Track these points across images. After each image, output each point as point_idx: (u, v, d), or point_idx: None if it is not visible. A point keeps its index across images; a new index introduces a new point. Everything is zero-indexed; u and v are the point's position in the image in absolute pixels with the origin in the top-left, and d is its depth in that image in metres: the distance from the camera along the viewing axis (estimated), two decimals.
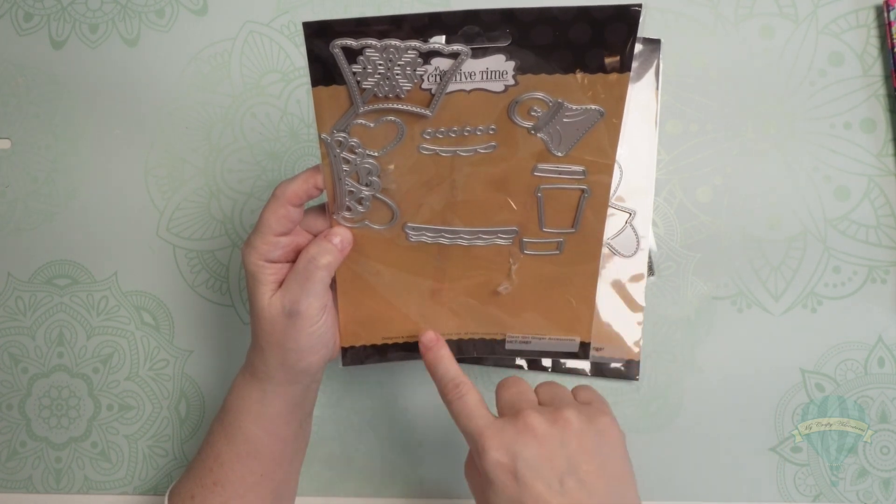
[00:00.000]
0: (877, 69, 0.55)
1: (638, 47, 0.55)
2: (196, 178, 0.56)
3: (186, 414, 0.56)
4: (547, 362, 0.54)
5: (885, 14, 0.54)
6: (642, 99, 0.55)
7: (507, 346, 0.45)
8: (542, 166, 0.39)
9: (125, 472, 0.55)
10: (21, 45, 0.57)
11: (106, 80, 0.57)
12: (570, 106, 0.37)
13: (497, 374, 0.55)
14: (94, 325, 0.56)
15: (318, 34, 0.34)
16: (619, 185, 0.54)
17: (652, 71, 0.55)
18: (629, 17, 0.34)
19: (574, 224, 0.41)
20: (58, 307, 0.56)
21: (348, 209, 0.40)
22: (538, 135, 0.38)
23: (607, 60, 0.35)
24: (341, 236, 0.40)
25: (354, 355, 0.45)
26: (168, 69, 0.57)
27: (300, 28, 0.57)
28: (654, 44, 0.55)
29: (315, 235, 0.41)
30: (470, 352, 0.45)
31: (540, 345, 0.45)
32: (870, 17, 0.56)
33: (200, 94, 0.57)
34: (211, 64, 0.57)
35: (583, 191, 0.39)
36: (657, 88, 0.55)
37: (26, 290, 0.56)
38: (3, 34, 0.58)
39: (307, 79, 0.56)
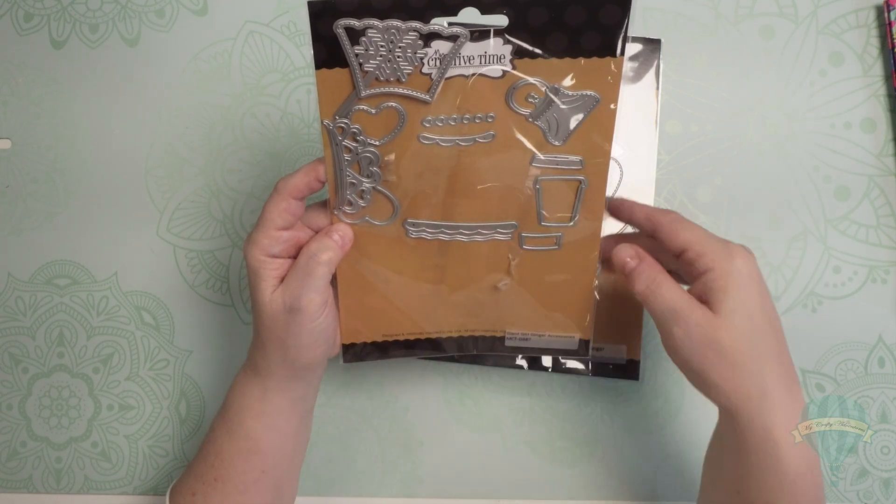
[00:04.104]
0: (877, 69, 0.55)
1: (638, 47, 0.55)
2: (196, 178, 0.56)
3: (186, 414, 0.56)
4: (547, 362, 0.54)
5: (886, 14, 0.54)
6: (642, 99, 0.55)
7: (507, 343, 0.45)
8: (539, 157, 0.39)
9: (125, 472, 0.55)
10: (21, 45, 0.57)
11: (106, 80, 0.57)
12: (566, 92, 0.37)
13: (498, 375, 0.55)
14: (94, 325, 0.56)
15: (322, 14, 0.35)
16: (619, 185, 0.54)
17: (652, 71, 0.55)
18: (621, 0, 0.34)
19: (572, 218, 0.41)
20: (58, 307, 0.56)
21: (349, 203, 0.40)
22: (536, 122, 0.38)
23: (601, 44, 0.36)
24: (342, 232, 0.40)
25: (355, 352, 0.45)
26: (168, 69, 0.57)
27: (300, 28, 0.57)
28: (654, 44, 0.55)
29: (316, 232, 0.41)
30: (470, 348, 0.45)
31: (539, 342, 0.45)
32: (870, 17, 0.56)
33: (200, 94, 0.57)
34: (211, 64, 0.57)
35: (580, 182, 0.40)
36: (657, 88, 0.55)
37: (26, 290, 0.56)
38: (3, 34, 0.58)
39: (307, 79, 0.57)
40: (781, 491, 0.38)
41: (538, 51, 0.36)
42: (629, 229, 0.54)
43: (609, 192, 0.53)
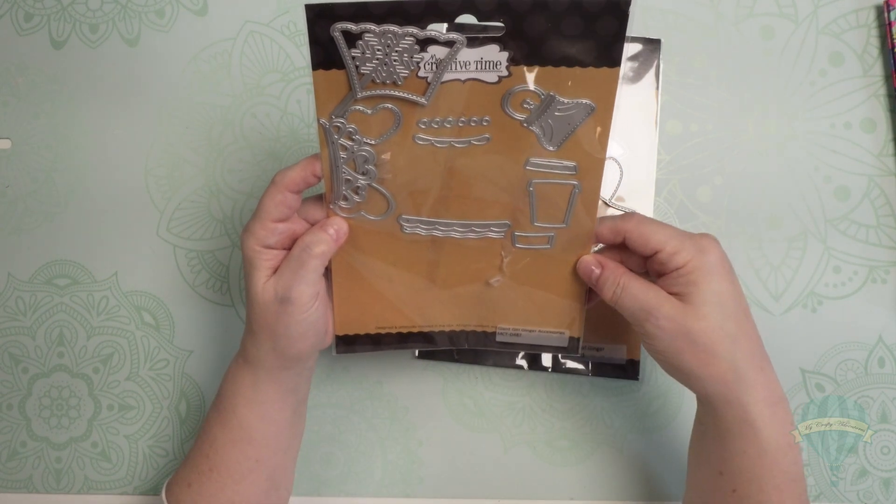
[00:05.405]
0: (877, 69, 0.55)
1: (638, 47, 0.55)
2: (196, 178, 0.56)
3: (186, 414, 0.56)
4: (547, 362, 0.54)
5: (886, 14, 0.54)
6: (642, 99, 0.55)
7: (498, 338, 0.46)
8: (534, 160, 0.39)
9: (125, 472, 0.55)
10: (21, 45, 0.57)
11: (106, 80, 0.57)
12: (561, 99, 0.37)
13: (498, 375, 0.55)
14: (94, 325, 0.56)
15: (320, 17, 0.35)
16: (619, 185, 0.54)
17: (652, 71, 0.55)
18: (619, 12, 0.35)
19: (565, 219, 0.41)
20: (58, 307, 0.56)
21: (345, 198, 0.40)
22: (531, 128, 0.38)
23: (598, 54, 0.36)
24: (336, 226, 0.40)
25: (348, 343, 0.45)
26: (168, 69, 0.57)
27: (300, 28, 0.57)
28: (654, 44, 0.55)
29: (312, 224, 0.41)
30: (462, 343, 0.46)
31: (530, 337, 0.45)
32: (870, 17, 0.56)
33: (200, 94, 0.57)
34: (211, 64, 0.57)
35: (574, 186, 0.40)
36: (657, 88, 0.55)
37: (26, 290, 0.56)
38: (3, 34, 0.58)
39: (307, 79, 0.57)
40: (762, 468, 0.39)
41: (534, 59, 0.36)
42: None
43: (609, 193, 0.54)
